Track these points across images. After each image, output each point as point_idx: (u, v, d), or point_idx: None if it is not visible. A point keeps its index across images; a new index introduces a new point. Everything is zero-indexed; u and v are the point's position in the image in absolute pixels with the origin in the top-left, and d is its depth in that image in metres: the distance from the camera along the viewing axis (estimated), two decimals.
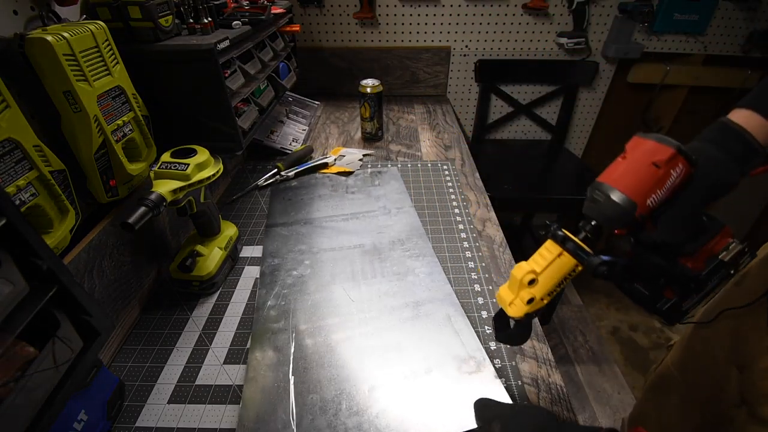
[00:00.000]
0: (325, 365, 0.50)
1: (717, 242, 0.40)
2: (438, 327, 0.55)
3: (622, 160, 0.38)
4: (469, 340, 0.52)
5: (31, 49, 0.43)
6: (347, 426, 0.43)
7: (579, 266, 0.36)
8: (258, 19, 0.78)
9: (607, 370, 1.45)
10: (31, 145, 0.41)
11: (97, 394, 0.43)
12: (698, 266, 0.40)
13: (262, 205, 0.84)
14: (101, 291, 0.52)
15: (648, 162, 0.35)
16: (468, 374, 0.48)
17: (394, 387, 0.47)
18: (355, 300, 0.60)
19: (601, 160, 1.78)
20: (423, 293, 0.60)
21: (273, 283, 0.63)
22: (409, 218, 0.77)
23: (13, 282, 0.26)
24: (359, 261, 0.67)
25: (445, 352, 0.51)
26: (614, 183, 0.36)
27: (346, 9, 1.32)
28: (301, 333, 0.54)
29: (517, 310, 0.38)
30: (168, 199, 0.51)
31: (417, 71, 1.44)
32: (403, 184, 0.89)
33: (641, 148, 0.37)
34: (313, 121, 1.24)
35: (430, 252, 0.68)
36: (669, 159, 0.35)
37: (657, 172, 0.35)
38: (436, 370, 0.49)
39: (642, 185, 0.35)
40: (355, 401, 0.46)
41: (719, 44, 1.41)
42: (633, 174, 0.36)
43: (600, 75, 1.49)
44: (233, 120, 0.68)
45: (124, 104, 0.54)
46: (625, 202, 0.35)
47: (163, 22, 0.59)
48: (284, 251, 0.69)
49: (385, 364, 0.50)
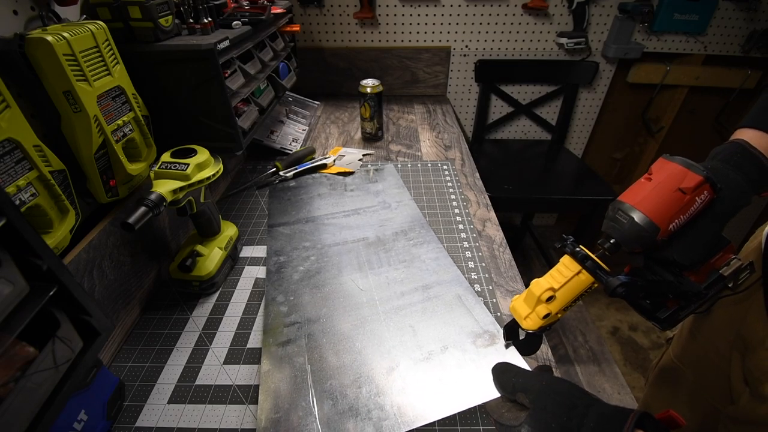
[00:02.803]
0: (341, 352, 0.51)
1: (720, 257, 0.41)
2: (449, 307, 0.56)
3: (646, 182, 0.37)
4: (481, 316, 0.53)
5: (31, 49, 0.42)
6: (369, 407, 0.44)
7: (596, 284, 0.36)
8: (258, 19, 0.78)
9: (607, 370, 1.45)
10: (31, 145, 0.41)
11: (97, 394, 0.43)
12: (700, 279, 0.41)
13: (262, 205, 0.84)
14: (101, 291, 0.52)
15: (674, 187, 0.35)
16: (484, 347, 0.49)
17: (413, 366, 0.48)
18: (364, 289, 0.60)
19: (601, 160, 1.78)
20: (431, 277, 0.61)
21: (280, 280, 0.63)
22: (410, 210, 0.78)
23: (13, 282, 0.26)
24: (364, 253, 0.68)
25: (459, 330, 0.52)
26: (638, 205, 0.36)
27: (346, 9, 1.32)
28: (313, 324, 0.55)
29: (532, 324, 0.39)
30: (168, 199, 0.51)
31: (417, 71, 1.44)
32: (400, 180, 0.90)
33: (668, 172, 0.36)
34: (313, 121, 1.24)
35: (434, 239, 0.69)
36: (696, 186, 0.35)
37: (683, 198, 0.35)
38: (452, 347, 0.50)
39: (667, 210, 0.35)
40: (375, 383, 0.47)
41: (719, 44, 1.41)
42: (658, 198, 0.35)
43: (600, 75, 1.49)
44: (233, 120, 0.68)
45: (124, 104, 0.54)
46: (648, 225, 0.35)
47: (163, 22, 0.59)
48: (289, 249, 0.70)
49: (401, 346, 0.51)
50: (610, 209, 0.38)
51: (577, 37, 1.34)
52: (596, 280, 0.36)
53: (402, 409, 0.43)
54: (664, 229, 0.35)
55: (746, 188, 0.38)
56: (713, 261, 0.41)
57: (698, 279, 0.41)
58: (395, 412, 0.43)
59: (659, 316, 0.44)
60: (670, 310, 0.43)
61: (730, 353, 0.59)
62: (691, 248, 0.38)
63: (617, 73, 1.49)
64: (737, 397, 0.56)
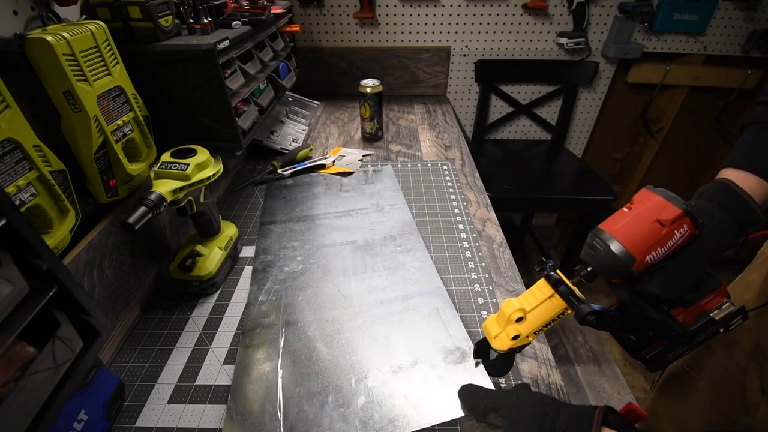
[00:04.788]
0: (313, 359, 0.51)
1: (711, 299, 0.40)
2: (426, 319, 0.56)
3: (627, 211, 0.37)
4: (456, 332, 0.53)
5: (31, 49, 0.42)
6: (332, 417, 0.44)
7: (569, 310, 0.36)
8: (258, 19, 0.78)
9: (607, 370, 1.45)
10: (31, 145, 0.41)
11: (97, 394, 0.43)
12: (689, 320, 0.40)
13: (263, 205, 0.84)
14: (101, 291, 0.52)
15: (653, 218, 0.35)
16: (453, 364, 0.49)
17: (380, 379, 0.48)
18: (346, 295, 0.60)
19: (601, 160, 1.78)
20: (412, 287, 0.61)
21: (265, 279, 0.63)
22: (402, 215, 0.78)
23: (13, 282, 0.26)
24: (351, 257, 0.68)
25: (432, 344, 0.52)
26: (615, 234, 0.35)
27: (346, 9, 1.32)
28: (290, 327, 0.55)
29: (501, 345, 0.38)
30: (168, 199, 0.51)
31: (417, 71, 1.44)
32: (396, 182, 0.89)
33: (648, 203, 0.36)
34: (313, 121, 1.24)
35: (421, 247, 0.69)
36: (675, 219, 0.34)
37: (661, 230, 0.34)
38: (422, 362, 0.50)
39: (643, 241, 0.34)
40: (341, 394, 0.47)
41: (719, 44, 1.41)
42: (636, 228, 0.35)
43: (600, 75, 1.49)
44: (233, 120, 0.68)
45: (124, 104, 0.54)
46: (624, 255, 0.34)
47: (163, 22, 0.59)
48: (277, 248, 0.70)
49: (373, 357, 0.51)
50: (590, 236, 0.38)
51: (577, 37, 1.34)
52: (568, 305, 0.35)
53: (364, 423, 0.44)
54: (640, 260, 0.34)
55: (731, 228, 0.38)
56: (703, 303, 0.40)
57: (687, 320, 0.40)
58: (357, 425, 0.44)
59: (644, 356, 0.43)
60: (655, 350, 0.42)
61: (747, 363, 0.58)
62: (673, 283, 0.37)
63: (617, 73, 1.49)
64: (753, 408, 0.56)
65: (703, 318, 0.40)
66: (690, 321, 0.40)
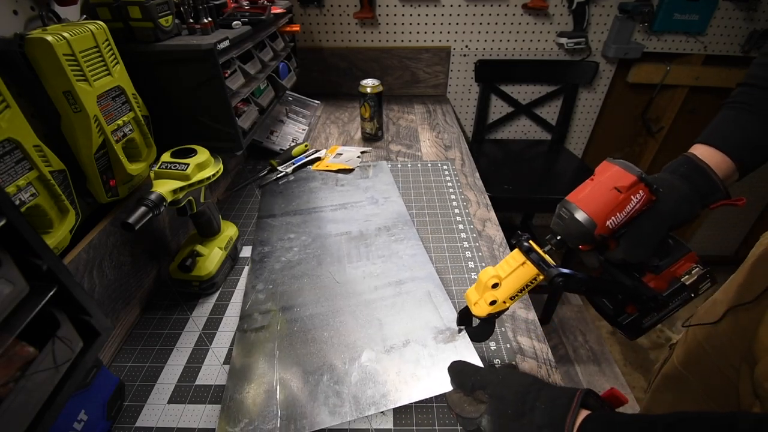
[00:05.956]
0: (309, 341, 0.53)
1: (681, 265, 0.43)
2: (418, 303, 0.57)
3: (589, 182, 0.40)
4: (446, 313, 0.55)
5: (31, 49, 0.42)
6: (327, 394, 0.46)
7: (540, 275, 0.39)
8: (258, 19, 0.78)
9: (607, 370, 1.45)
10: (31, 145, 0.41)
11: (97, 394, 0.43)
12: (661, 286, 0.43)
13: (260, 200, 0.84)
14: (101, 291, 0.52)
15: (611, 186, 0.38)
16: (444, 343, 0.51)
17: (374, 358, 0.50)
18: (341, 282, 0.62)
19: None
20: (405, 273, 0.63)
21: (262, 269, 0.65)
22: (396, 207, 0.80)
23: (13, 282, 0.26)
24: (345, 246, 0.69)
25: (424, 325, 0.54)
26: (578, 203, 0.39)
27: (346, 9, 1.32)
28: (287, 312, 0.57)
29: (480, 310, 0.42)
30: (168, 199, 0.51)
31: (417, 71, 1.44)
32: (391, 177, 0.91)
33: (607, 173, 0.40)
34: (313, 121, 1.24)
35: (414, 236, 0.71)
36: (630, 185, 0.38)
37: (618, 196, 0.38)
38: (414, 341, 0.52)
39: (603, 207, 0.38)
40: (335, 372, 0.49)
41: (719, 44, 1.41)
42: (596, 196, 0.38)
43: (600, 75, 1.48)
44: (233, 120, 0.68)
45: (124, 104, 0.54)
46: (586, 221, 0.38)
47: (163, 22, 0.59)
48: (274, 240, 0.72)
49: (367, 338, 0.53)
50: (558, 207, 0.41)
51: (577, 37, 1.34)
52: (538, 270, 0.39)
53: (357, 398, 0.46)
54: (601, 225, 0.38)
55: (691, 196, 0.40)
56: (674, 269, 0.43)
57: (659, 286, 0.43)
58: (350, 399, 0.46)
59: (621, 322, 0.46)
60: (631, 316, 0.45)
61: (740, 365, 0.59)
62: (636, 247, 0.40)
63: (617, 73, 1.49)
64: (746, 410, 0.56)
65: (675, 284, 0.43)
66: (662, 287, 0.43)
